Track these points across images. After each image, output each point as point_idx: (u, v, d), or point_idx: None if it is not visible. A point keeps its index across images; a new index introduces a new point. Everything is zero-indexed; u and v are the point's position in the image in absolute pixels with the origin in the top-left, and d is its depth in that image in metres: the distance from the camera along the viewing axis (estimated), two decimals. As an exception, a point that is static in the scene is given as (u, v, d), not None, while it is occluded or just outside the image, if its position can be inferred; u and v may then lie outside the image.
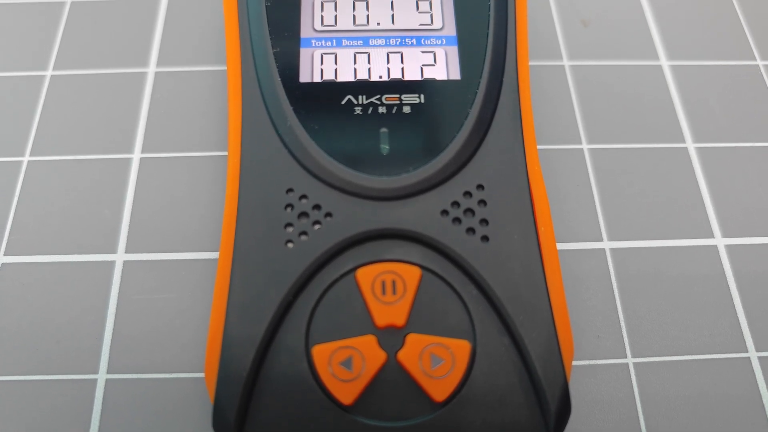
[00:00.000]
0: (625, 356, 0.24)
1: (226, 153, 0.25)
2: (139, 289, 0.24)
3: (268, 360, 0.20)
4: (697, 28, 0.31)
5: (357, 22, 0.25)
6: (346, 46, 0.24)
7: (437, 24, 0.25)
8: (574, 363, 0.23)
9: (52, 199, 0.26)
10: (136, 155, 0.27)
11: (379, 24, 0.25)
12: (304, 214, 0.21)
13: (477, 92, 0.23)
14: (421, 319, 0.20)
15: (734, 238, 0.26)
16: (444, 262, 0.21)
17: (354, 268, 0.21)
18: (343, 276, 0.21)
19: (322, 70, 0.24)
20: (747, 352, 0.24)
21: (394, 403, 0.19)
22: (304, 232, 0.21)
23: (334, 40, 0.24)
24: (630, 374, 0.23)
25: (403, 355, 0.20)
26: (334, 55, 0.24)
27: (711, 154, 0.28)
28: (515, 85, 0.23)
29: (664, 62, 0.30)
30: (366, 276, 0.20)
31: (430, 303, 0.20)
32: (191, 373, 0.23)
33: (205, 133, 0.27)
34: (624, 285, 0.25)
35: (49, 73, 0.29)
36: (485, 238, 0.21)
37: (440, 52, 0.24)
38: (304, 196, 0.21)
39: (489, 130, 0.23)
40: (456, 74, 0.24)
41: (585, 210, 0.26)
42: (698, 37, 0.31)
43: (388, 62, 0.24)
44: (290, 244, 0.21)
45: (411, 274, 0.21)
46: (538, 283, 0.21)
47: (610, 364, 0.23)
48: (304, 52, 0.24)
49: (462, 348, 0.20)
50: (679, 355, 0.24)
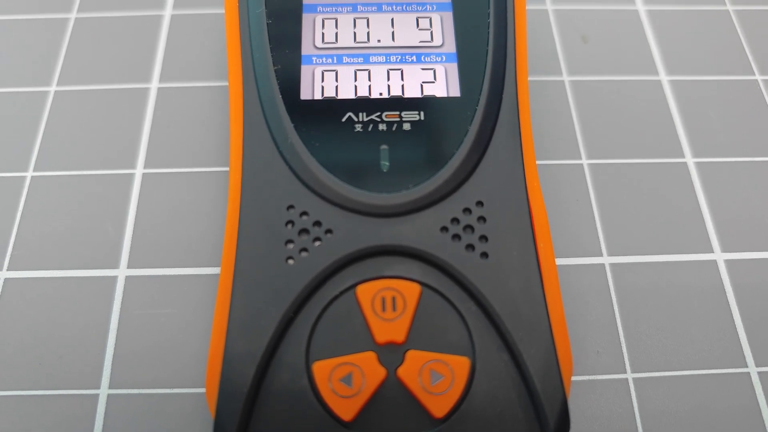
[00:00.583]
0: (625, 371, 0.24)
1: (228, 168, 0.25)
2: (141, 305, 0.24)
3: (269, 376, 0.20)
4: (696, 44, 0.32)
5: (357, 39, 0.25)
6: (347, 63, 0.24)
7: (437, 41, 0.25)
8: (574, 378, 0.23)
9: (55, 215, 0.26)
10: (139, 170, 0.27)
11: (379, 41, 0.25)
12: (304, 231, 0.21)
13: (476, 109, 0.23)
14: (420, 336, 0.20)
15: (733, 253, 0.26)
16: (443, 279, 0.21)
17: (354, 285, 0.21)
18: (343, 293, 0.21)
19: (323, 87, 0.24)
20: (747, 367, 0.24)
21: (394, 419, 0.20)
22: (305, 249, 0.21)
23: (335, 57, 0.25)
24: (630, 389, 0.23)
25: (403, 372, 0.20)
26: (334, 72, 0.24)
27: (710, 169, 0.28)
28: (515, 102, 0.24)
29: (664, 77, 0.30)
30: (366, 292, 0.21)
31: (429, 319, 0.21)
32: (192, 389, 0.23)
33: (207, 149, 0.28)
34: (624, 300, 0.25)
35: (53, 88, 0.29)
36: (485, 255, 0.21)
37: (440, 69, 0.24)
38: (304, 213, 0.22)
39: (488, 147, 0.23)
40: (456, 91, 0.24)
41: (585, 225, 0.26)
42: (697, 52, 0.31)
43: (389, 79, 0.24)
44: (291, 261, 0.21)
45: (411, 291, 0.21)
46: (538, 300, 0.21)
47: (609, 380, 0.23)
48: (305, 69, 0.24)
49: (461, 364, 0.20)
50: (679, 370, 0.24)
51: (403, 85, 0.24)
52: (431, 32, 0.25)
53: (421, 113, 0.23)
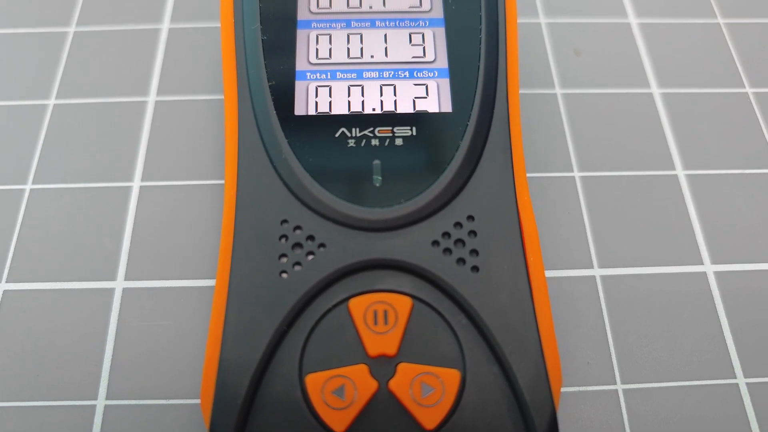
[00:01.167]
0: (615, 383, 0.24)
1: (224, 182, 0.25)
2: (138, 316, 0.25)
3: (263, 388, 0.20)
4: (688, 57, 0.32)
5: (351, 55, 0.25)
6: (341, 79, 0.25)
7: (430, 56, 0.25)
8: (565, 389, 0.24)
9: (54, 227, 0.27)
10: (136, 183, 0.27)
11: (372, 57, 0.25)
12: (298, 245, 0.22)
13: (468, 125, 0.23)
14: (412, 349, 0.21)
15: (723, 265, 0.26)
16: (435, 292, 0.21)
17: (347, 298, 0.21)
18: (336, 306, 0.21)
19: (317, 103, 0.24)
20: (735, 378, 0.24)
21: (386, 430, 0.20)
22: (298, 263, 0.21)
23: (329, 73, 0.25)
24: (620, 400, 0.24)
25: (395, 384, 0.20)
26: (328, 88, 0.24)
27: (701, 182, 0.28)
28: (506, 117, 0.24)
29: (655, 90, 0.31)
30: (358, 306, 0.21)
31: (421, 332, 0.21)
32: (188, 400, 0.23)
33: (204, 162, 0.28)
34: (614, 311, 0.25)
35: (52, 102, 0.30)
36: (475, 269, 0.21)
37: (432, 85, 0.24)
38: (298, 227, 0.22)
39: (479, 162, 0.23)
40: (447, 107, 0.24)
41: (576, 237, 0.27)
42: (688, 65, 0.32)
43: (382, 95, 0.24)
44: (284, 275, 0.21)
45: (402, 304, 0.21)
46: (527, 313, 0.21)
47: (599, 391, 0.24)
48: (300, 85, 0.24)
49: (452, 377, 0.20)
50: (669, 381, 0.24)
51: (395, 101, 0.24)
52: (424, 48, 0.25)
53: (414, 128, 0.24)
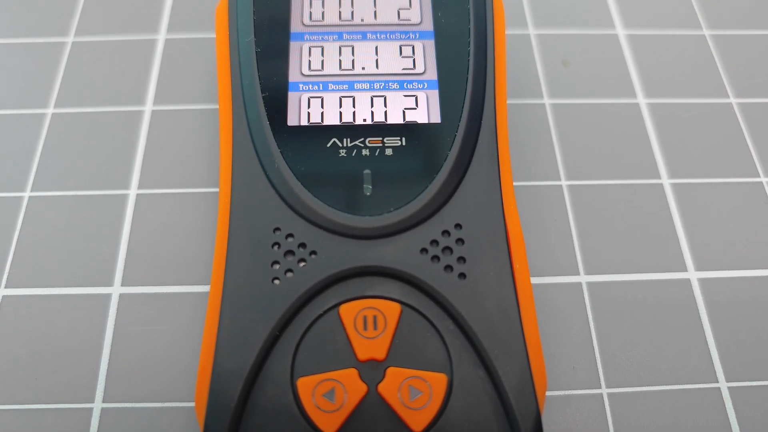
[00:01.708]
0: (600, 387, 0.24)
1: (218, 190, 0.26)
2: (134, 321, 0.25)
3: (255, 391, 0.20)
4: (674, 68, 0.32)
5: (343, 67, 0.26)
6: (332, 90, 0.25)
7: (419, 68, 0.26)
8: (551, 393, 0.24)
9: (52, 234, 0.27)
10: (133, 191, 0.28)
11: (363, 69, 0.26)
12: (290, 252, 0.22)
13: (456, 135, 0.24)
14: (400, 353, 0.21)
15: (707, 272, 0.27)
16: (423, 299, 0.22)
17: (337, 304, 0.21)
18: (326, 312, 0.21)
19: (309, 114, 0.24)
20: (717, 382, 0.24)
21: None
22: (290, 270, 0.22)
23: (321, 84, 0.25)
24: (604, 404, 0.24)
25: (383, 388, 0.20)
26: (320, 99, 0.25)
27: (685, 190, 0.29)
28: (493, 127, 0.24)
29: (642, 100, 0.31)
30: (348, 312, 0.21)
31: (409, 338, 0.21)
32: (183, 402, 0.24)
33: (199, 170, 0.28)
34: (600, 317, 0.26)
35: (50, 110, 0.30)
36: (462, 276, 0.22)
37: (422, 96, 0.25)
38: (290, 235, 0.22)
39: (467, 171, 0.23)
40: (436, 117, 0.24)
41: (563, 244, 0.27)
42: (674, 75, 0.32)
43: (372, 106, 0.25)
44: (277, 281, 0.22)
45: (391, 310, 0.21)
46: (513, 319, 0.21)
47: (585, 395, 0.24)
48: (292, 96, 0.25)
49: (439, 381, 0.21)
50: (652, 385, 0.24)
51: (386, 112, 0.25)
52: (414, 60, 0.26)
53: (403, 139, 0.24)
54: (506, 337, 0.21)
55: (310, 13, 0.27)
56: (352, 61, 0.26)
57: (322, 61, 0.26)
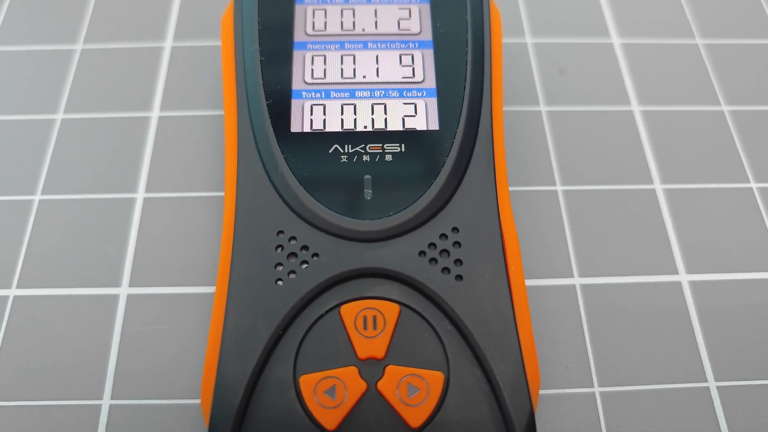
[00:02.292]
0: (593, 386, 0.25)
1: (223, 194, 0.26)
2: (141, 321, 0.26)
3: (259, 388, 0.21)
4: (667, 76, 0.33)
5: (345, 75, 0.26)
6: (334, 98, 0.26)
7: (419, 77, 0.26)
8: (545, 392, 0.24)
9: (62, 236, 0.27)
10: (140, 195, 0.28)
11: (364, 77, 0.26)
12: (293, 255, 0.23)
13: (454, 142, 0.24)
14: (399, 352, 0.22)
15: (697, 275, 0.27)
16: (421, 299, 0.22)
17: (338, 305, 0.22)
18: (328, 312, 0.22)
19: (312, 121, 0.25)
20: (707, 381, 0.25)
21: (374, 428, 0.21)
22: (293, 271, 0.22)
23: (323, 92, 0.26)
24: (596, 403, 0.24)
25: (383, 385, 0.21)
26: (323, 106, 0.25)
27: (677, 195, 0.29)
28: (490, 134, 0.25)
29: (635, 107, 0.32)
30: (349, 312, 0.22)
31: (407, 337, 0.22)
32: (188, 400, 0.24)
33: (204, 175, 0.29)
34: (593, 318, 0.26)
35: (60, 116, 0.31)
36: (459, 277, 0.22)
37: (421, 104, 0.26)
38: (293, 238, 0.23)
39: (464, 177, 0.24)
40: (435, 125, 0.25)
41: (558, 248, 0.28)
42: (667, 84, 0.32)
43: (373, 113, 0.25)
44: (280, 282, 0.22)
45: (390, 311, 0.22)
46: (508, 319, 0.22)
47: (578, 393, 0.25)
48: (296, 103, 0.25)
49: (436, 378, 0.21)
50: (644, 384, 0.25)
51: (386, 119, 0.25)
52: (413, 68, 0.26)
53: (402, 145, 0.25)
54: (501, 337, 0.22)
55: (313, 23, 0.28)
56: (354, 69, 0.27)
57: (325, 70, 0.26)
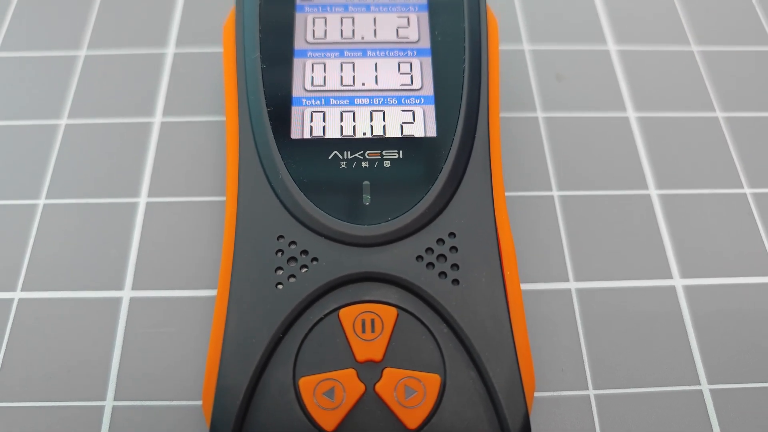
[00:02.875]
0: (587, 388, 0.25)
1: (225, 199, 0.26)
2: (144, 324, 0.26)
3: (259, 390, 0.21)
4: (663, 83, 0.33)
5: (344, 83, 0.27)
6: (334, 105, 0.26)
7: (417, 84, 0.27)
8: (540, 394, 0.25)
9: (66, 240, 0.28)
10: (143, 199, 0.29)
11: (363, 84, 0.27)
12: (292, 259, 0.23)
13: (451, 148, 0.25)
14: (396, 355, 0.22)
15: (691, 279, 0.27)
16: (418, 303, 0.23)
17: (337, 308, 0.22)
18: (327, 315, 0.22)
19: (312, 127, 0.25)
20: (700, 384, 0.25)
21: (372, 429, 0.21)
22: (293, 275, 0.23)
23: (323, 99, 0.26)
24: (591, 405, 0.25)
25: (380, 387, 0.21)
26: (322, 113, 0.26)
27: (672, 201, 0.29)
28: (486, 141, 0.25)
29: (631, 114, 0.32)
30: (348, 315, 0.22)
31: (405, 340, 0.22)
32: (190, 401, 0.24)
33: (206, 180, 0.29)
34: (588, 322, 0.26)
35: (64, 121, 0.31)
36: (456, 282, 0.23)
37: (419, 111, 0.26)
38: (293, 243, 0.23)
39: (461, 183, 0.24)
40: (432, 131, 0.25)
41: (554, 252, 0.28)
42: (663, 90, 0.33)
43: (372, 120, 0.26)
44: (280, 286, 0.22)
45: (388, 314, 0.22)
46: (503, 323, 0.22)
47: (572, 396, 0.25)
48: (296, 110, 0.26)
49: (433, 381, 0.21)
50: (638, 387, 0.25)
51: (384, 126, 0.26)
52: (411, 76, 0.27)
53: (401, 152, 0.25)
54: (497, 340, 0.22)
55: (313, 31, 0.28)
56: (353, 77, 0.27)
57: (325, 77, 0.27)
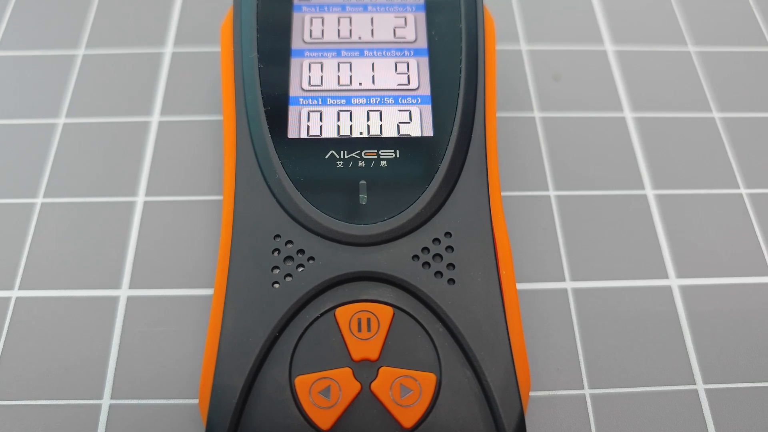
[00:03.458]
0: (583, 388, 0.25)
1: (222, 198, 0.27)
2: (141, 322, 0.26)
3: (256, 388, 0.21)
4: (659, 83, 0.33)
5: (341, 82, 0.27)
6: (331, 105, 0.26)
7: (413, 84, 0.27)
8: (536, 393, 0.25)
9: (63, 239, 0.28)
10: (140, 198, 0.29)
11: (360, 84, 0.27)
12: (289, 258, 0.23)
13: (447, 148, 0.25)
14: (392, 354, 0.22)
15: (687, 279, 0.27)
16: (414, 303, 0.23)
17: (333, 307, 0.22)
18: (323, 314, 0.22)
19: (309, 127, 0.25)
20: (695, 384, 0.25)
21: (367, 428, 0.21)
22: (289, 275, 0.23)
23: (320, 99, 0.26)
24: (587, 404, 0.25)
25: (376, 386, 0.21)
26: (319, 113, 0.26)
27: (668, 201, 0.29)
28: (483, 141, 0.25)
29: (628, 114, 0.32)
30: (344, 314, 0.22)
31: (400, 339, 0.22)
32: (186, 400, 0.24)
33: (203, 179, 0.29)
34: (584, 322, 0.26)
35: (62, 120, 0.31)
36: (452, 281, 0.23)
37: (415, 111, 0.26)
38: (289, 242, 0.23)
39: (457, 182, 0.24)
40: (429, 131, 0.25)
41: (550, 252, 0.28)
42: (660, 91, 0.33)
43: (368, 120, 0.26)
44: (276, 285, 0.23)
45: (384, 313, 0.22)
46: (499, 322, 0.22)
47: (568, 395, 0.25)
48: (293, 110, 0.26)
49: (428, 380, 0.21)
50: (633, 387, 0.25)
51: (381, 126, 0.26)
52: (408, 76, 0.27)
53: (397, 152, 0.25)
54: (492, 340, 0.22)
55: (311, 30, 0.28)
56: (350, 77, 0.27)
57: (322, 77, 0.27)
